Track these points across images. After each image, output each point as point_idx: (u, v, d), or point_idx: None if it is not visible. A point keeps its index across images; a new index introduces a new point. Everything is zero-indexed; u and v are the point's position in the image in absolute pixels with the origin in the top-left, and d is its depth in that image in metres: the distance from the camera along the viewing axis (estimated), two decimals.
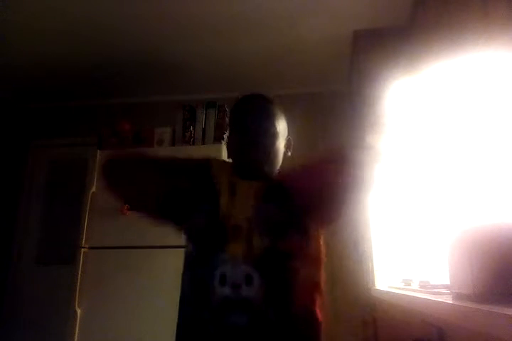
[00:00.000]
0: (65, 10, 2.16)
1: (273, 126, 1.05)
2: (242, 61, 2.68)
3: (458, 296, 0.80)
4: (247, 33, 2.38)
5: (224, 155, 2.23)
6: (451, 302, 0.74)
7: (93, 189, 2.25)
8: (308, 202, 0.98)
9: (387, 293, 1.49)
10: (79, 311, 2.06)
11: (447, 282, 0.92)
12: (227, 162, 1.15)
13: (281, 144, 1.08)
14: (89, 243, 2.17)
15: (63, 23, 2.28)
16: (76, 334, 2.03)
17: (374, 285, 1.90)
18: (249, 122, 1.05)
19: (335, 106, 2.90)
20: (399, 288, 1.45)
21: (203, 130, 2.40)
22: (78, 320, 2.05)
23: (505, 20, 1.08)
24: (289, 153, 1.12)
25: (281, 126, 1.09)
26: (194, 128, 2.40)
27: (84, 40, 2.46)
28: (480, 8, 1.23)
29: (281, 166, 1.10)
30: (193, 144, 2.36)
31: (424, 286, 1.20)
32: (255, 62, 2.68)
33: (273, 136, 1.05)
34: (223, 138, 2.35)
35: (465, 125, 1.44)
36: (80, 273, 2.12)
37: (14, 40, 2.44)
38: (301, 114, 2.59)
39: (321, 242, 1.04)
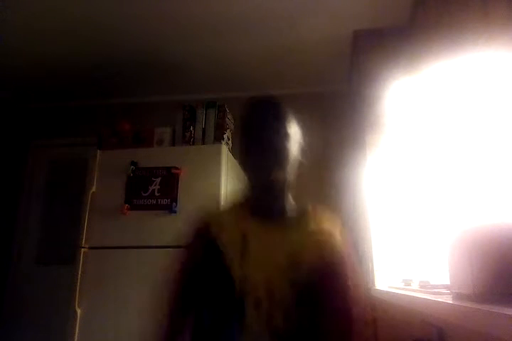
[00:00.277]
0: (65, 10, 2.16)
1: (283, 126, 1.00)
2: (242, 61, 2.68)
3: (458, 296, 0.79)
4: (247, 33, 2.38)
5: (224, 155, 2.23)
6: (451, 302, 0.74)
7: (93, 189, 2.25)
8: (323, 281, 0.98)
9: (387, 293, 1.49)
10: (79, 311, 2.06)
11: (447, 282, 0.92)
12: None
13: (293, 148, 1.01)
14: (89, 243, 2.17)
15: (63, 23, 2.29)
16: (76, 334, 2.03)
17: (374, 285, 1.90)
18: (257, 122, 1.00)
19: (335, 106, 2.90)
20: (399, 288, 1.45)
21: (203, 130, 2.40)
22: (78, 320, 2.05)
23: (505, 20, 1.08)
24: (305, 162, 1.05)
25: (293, 130, 1.03)
26: (194, 128, 2.40)
27: (84, 40, 2.46)
28: (480, 8, 1.24)
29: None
30: (193, 144, 2.36)
31: (424, 286, 1.20)
32: (255, 62, 2.68)
33: (284, 136, 0.99)
34: (223, 138, 2.35)
35: (465, 125, 1.44)
36: (80, 273, 2.12)
37: (14, 40, 2.44)
38: (301, 115, 2.59)
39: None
